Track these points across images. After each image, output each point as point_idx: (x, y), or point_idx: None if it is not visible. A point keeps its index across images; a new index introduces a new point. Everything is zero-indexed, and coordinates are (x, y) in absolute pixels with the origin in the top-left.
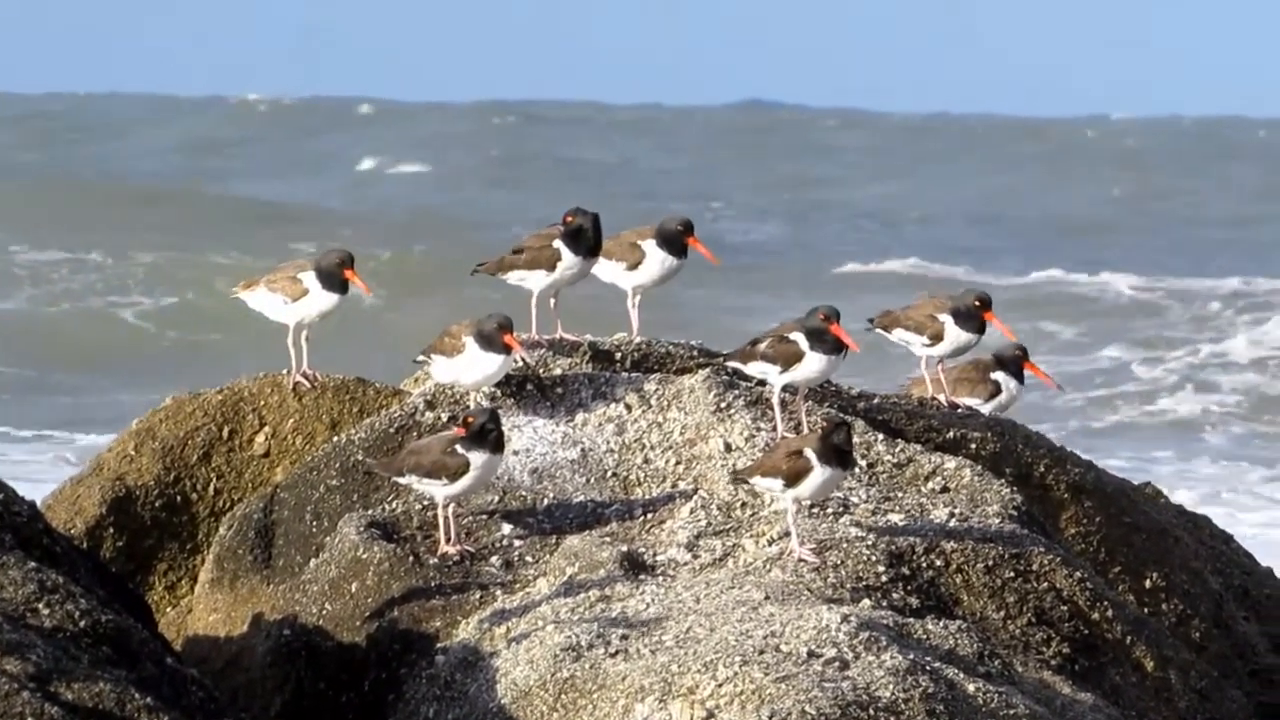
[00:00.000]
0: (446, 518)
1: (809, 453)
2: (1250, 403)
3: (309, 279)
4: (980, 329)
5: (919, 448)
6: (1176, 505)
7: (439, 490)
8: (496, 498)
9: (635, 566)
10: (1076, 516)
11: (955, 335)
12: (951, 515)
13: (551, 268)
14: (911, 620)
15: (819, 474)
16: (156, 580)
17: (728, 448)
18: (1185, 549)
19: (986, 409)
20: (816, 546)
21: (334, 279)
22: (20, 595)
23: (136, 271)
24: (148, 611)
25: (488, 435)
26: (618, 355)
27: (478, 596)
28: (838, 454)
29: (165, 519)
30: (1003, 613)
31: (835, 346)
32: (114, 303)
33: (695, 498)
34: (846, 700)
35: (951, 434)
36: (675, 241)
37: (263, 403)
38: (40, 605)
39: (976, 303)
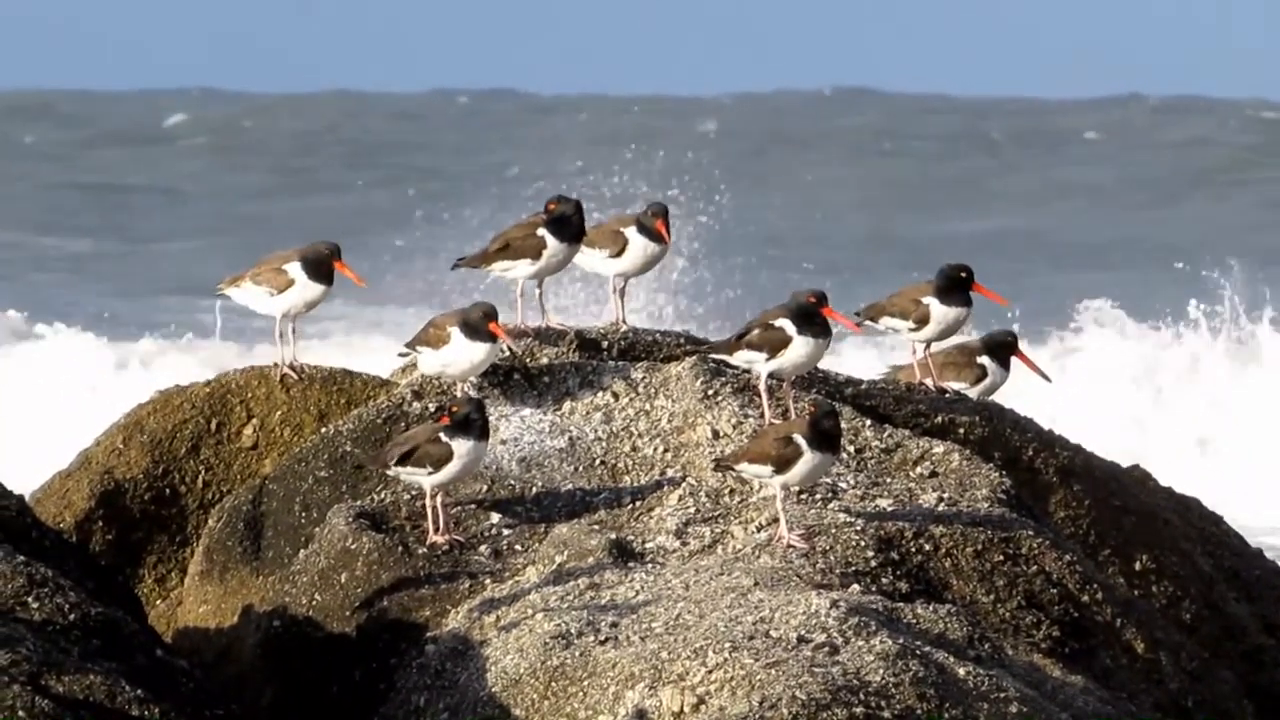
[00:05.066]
0: (435, 507)
1: (799, 438)
2: None
3: (295, 270)
4: (966, 302)
5: (907, 433)
6: (1166, 488)
7: (425, 479)
8: (485, 487)
9: (624, 554)
10: (1065, 500)
11: (941, 314)
12: (940, 500)
13: (537, 256)
14: (901, 605)
15: (809, 460)
16: (146, 573)
17: (715, 435)
18: (1175, 531)
19: (973, 393)
20: (805, 532)
21: (320, 269)
22: (10, 589)
23: None
24: (137, 604)
25: (472, 424)
26: (604, 344)
27: (467, 585)
28: (827, 439)
29: (154, 512)
30: (992, 596)
31: (823, 330)
32: None
33: (683, 485)
34: (837, 685)
35: (939, 419)
36: (653, 229)
37: (250, 395)
38: (29, 599)
39: (962, 274)
